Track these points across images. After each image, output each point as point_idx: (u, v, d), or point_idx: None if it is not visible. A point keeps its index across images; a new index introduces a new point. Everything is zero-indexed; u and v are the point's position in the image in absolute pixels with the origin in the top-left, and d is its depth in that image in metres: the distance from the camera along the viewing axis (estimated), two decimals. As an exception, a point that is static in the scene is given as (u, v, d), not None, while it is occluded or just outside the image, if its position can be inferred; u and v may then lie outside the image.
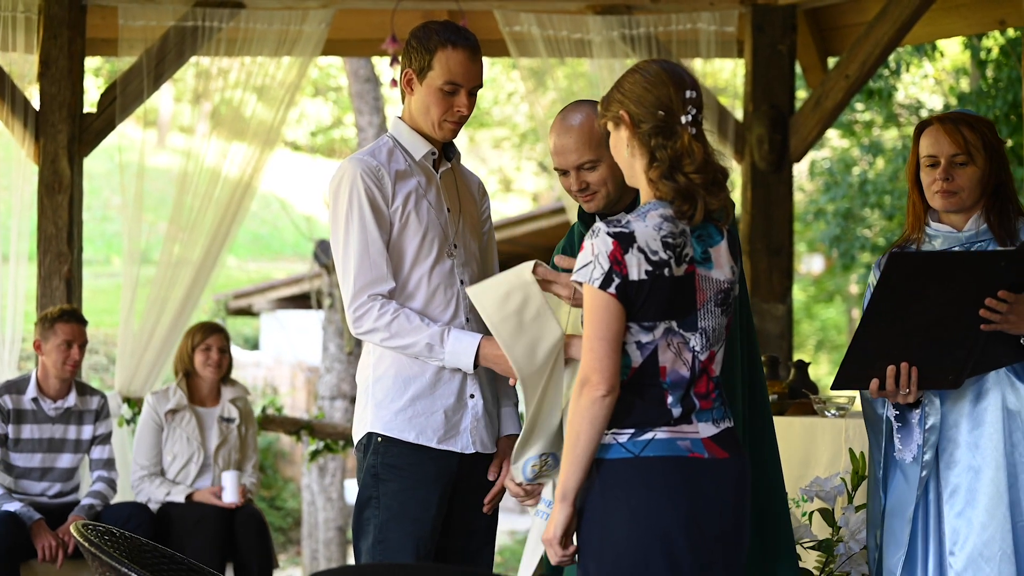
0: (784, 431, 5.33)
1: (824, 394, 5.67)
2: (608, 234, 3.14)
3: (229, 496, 6.39)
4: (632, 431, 3.16)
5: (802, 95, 9.40)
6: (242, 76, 7.60)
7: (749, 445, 3.60)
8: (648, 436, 3.16)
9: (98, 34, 7.55)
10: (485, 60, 4.46)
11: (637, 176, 3.27)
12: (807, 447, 5.25)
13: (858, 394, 3.93)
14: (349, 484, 13.42)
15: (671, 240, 3.16)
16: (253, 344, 19.71)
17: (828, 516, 4.73)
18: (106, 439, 6.44)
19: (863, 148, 15.76)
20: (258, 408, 8.11)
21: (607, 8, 7.44)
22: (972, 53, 13.06)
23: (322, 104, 24.09)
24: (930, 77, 15.97)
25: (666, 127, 3.19)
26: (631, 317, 3.15)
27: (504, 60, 9.57)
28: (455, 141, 3.98)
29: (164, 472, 6.52)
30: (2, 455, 6.24)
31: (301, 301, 16.44)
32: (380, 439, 3.81)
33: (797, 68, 7.96)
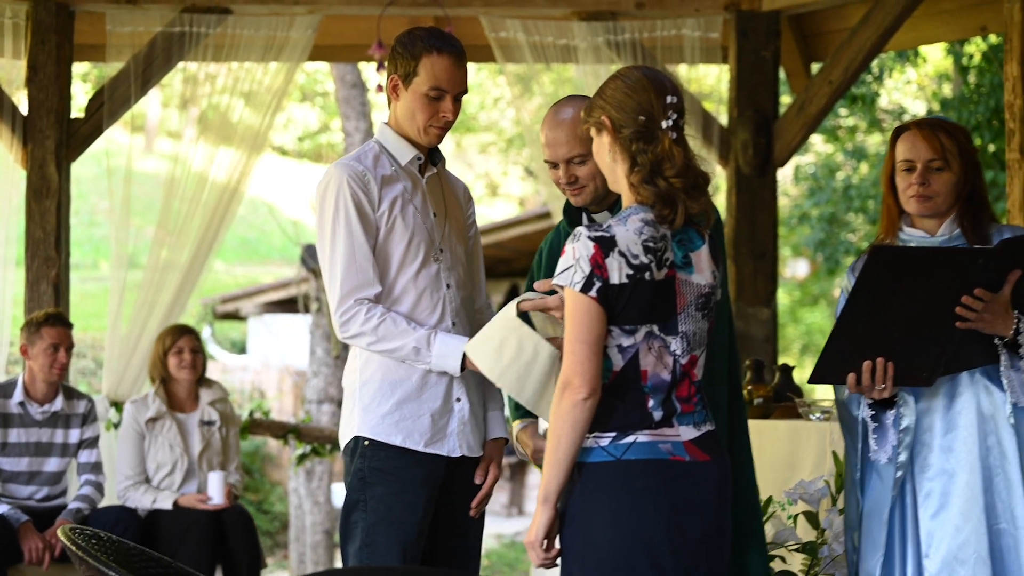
0: (769, 434, 5.37)
1: (809, 398, 5.70)
2: (589, 238, 3.16)
3: (216, 499, 6.38)
4: (614, 434, 3.18)
5: (786, 100, 9.45)
6: (229, 81, 7.62)
7: (729, 448, 3.62)
8: (630, 439, 3.17)
9: (86, 40, 7.57)
10: (471, 66, 4.49)
11: (619, 181, 3.29)
12: (792, 450, 5.27)
13: (836, 397, 3.95)
14: (336, 488, 13.44)
15: (652, 244, 3.18)
16: (240, 348, 19.72)
17: (812, 519, 4.75)
18: (93, 443, 6.45)
19: (847, 153, 15.83)
20: (245, 412, 8.12)
21: (592, 14, 7.47)
22: (955, 59, 13.13)
23: (309, 109, 24.11)
24: (913, 83, 16.04)
25: (647, 132, 3.22)
26: (612, 321, 3.17)
27: (490, 66, 9.61)
28: (440, 146, 4.01)
29: (149, 480, 6.50)
30: (-10, 459, 6.25)
31: (288, 305, 16.45)
32: (367, 443, 3.82)
33: (781, 74, 8.00)
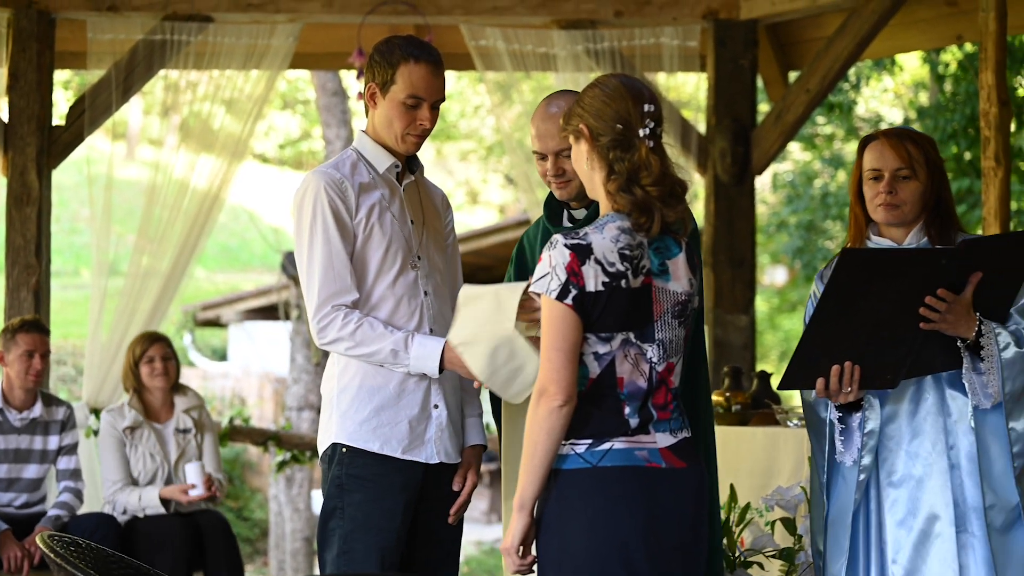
0: (747, 441, 5.39)
1: (787, 404, 5.73)
2: (565, 246, 3.18)
3: (199, 489, 6.29)
4: (590, 441, 3.19)
5: (764, 109, 9.48)
6: (211, 89, 7.63)
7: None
8: (606, 446, 3.18)
9: (67, 47, 7.57)
10: (452, 74, 4.52)
11: (596, 188, 3.31)
12: (769, 457, 5.28)
13: (803, 400, 3.97)
14: (316, 495, 13.42)
15: (628, 252, 3.20)
16: (221, 355, 19.69)
17: (790, 525, 4.76)
18: (72, 449, 6.44)
19: (824, 161, 15.90)
20: (225, 419, 8.12)
21: (572, 23, 7.51)
22: (931, 67, 13.21)
23: (290, 117, 24.11)
24: (890, 91, 16.12)
25: (624, 140, 3.23)
26: (588, 328, 3.18)
27: (471, 74, 9.64)
28: (420, 154, 4.03)
29: (136, 482, 6.46)
30: (-31, 466, 6.24)
31: (269, 312, 16.44)
32: (345, 450, 3.83)
33: (759, 82, 8.04)
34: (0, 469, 6.26)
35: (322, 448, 3.91)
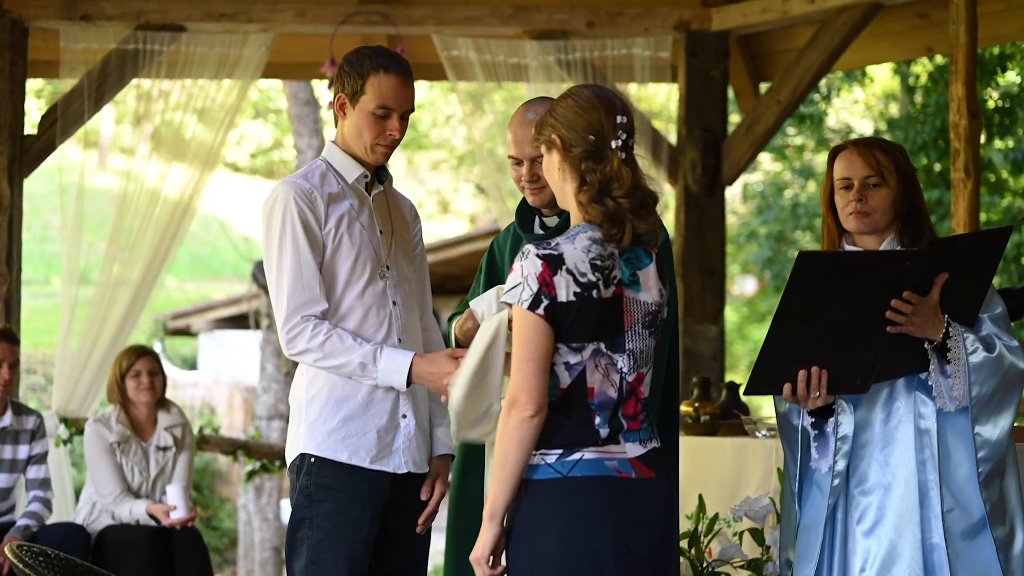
0: (715, 452, 5.41)
1: (755, 415, 5.75)
2: (537, 256, 3.19)
3: (181, 512, 6.28)
4: (560, 451, 3.19)
5: (735, 119, 9.53)
6: (183, 98, 7.63)
7: None
8: (576, 456, 3.18)
9: (39, 56, 7.55)
10: (424, 83, 4.53)
11: (568, 199, 3.31)
12: (738, 467, 5.29)
13: (776, 410, 3.97)
14: (285, 504, 13.38)
15: (600, 262, 3.20)
16: (191, 364, 19.63)
17: (758, 535, 4.78)
18: (42, 459, 6.41)
19: (795, 172, 15.97)
20: (195, 428, 8.10)
21: (543, 33, 7.53)
22: (902, 79, 13.29)
23: (262, 126, 24.06)
24: (860, 102, 16.21)
25: (596, 151, 3.24)
26: (559, 338, 3.18)
27: (442, 84, 9.65)
28: (392, 163, 4.04)
29: (131, 490, 6.43)
30: (-63, 475, 6.21)
31: (239, 321, 16.40)
32: (313, 460, 3.82)
33: (730, 93, 8.08)
34: (-31, 478, 6.23)
35: (290, 458, 3.90)
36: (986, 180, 12.32)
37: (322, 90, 14.13)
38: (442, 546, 4.11)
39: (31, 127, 7.32)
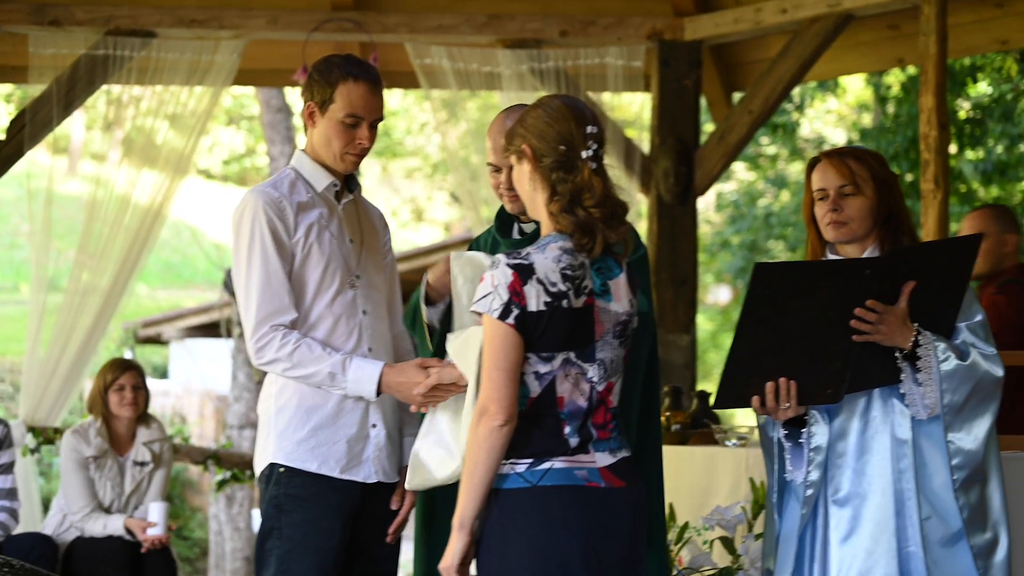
0: (686, 460, 5.41)
1: (726, 424, 5.76)
2: (508, 265, 3.19)
3: (159, 529, 6.21)
4: (530, 461, 3.19)
5: (708, 129, 9.56)
6: (154, 104, 7.59)
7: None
8: (546, 466, 3.19)
9: (8, 61, 7.52)
10: (397, 91, 4.52)
11: (539, 209, 3.32)
12: (708, 476, 5.31)
13: (756, 422, 3.96)
14: (257, 514, 13.29)
15: (570, 272, 3.21)
16: (162, 373, 19.54)
17: (729, 544, 4.81)
18: (8, 468, 6.35)
19: (768, 181, 16.03)
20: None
21: (516, 42, 7.53)
22: (874, 89, 13.35)
23: (235, 133, 24.00)
24: (833, 112, 16.28)
25: (567, 162, 3.25)
26: (529, 348, 3.19)
27: (417, 91, 9.66)
28: (366, 171, 4.03)
29: (102, 506, 6.37)
30: (-97, 485, 6.15)
31: (211, 330, 16.32)
32: (282, 469, 3.82)
33: (703, 102, 8.10)
34: (-65, 488, 6.18)
35: (259, 468, 3.89)
36: (956, 191, 12.37)
37: (295, 97, 14.11)
38: (412, 555, 4.09)
39: (-1, 132, 7.29)
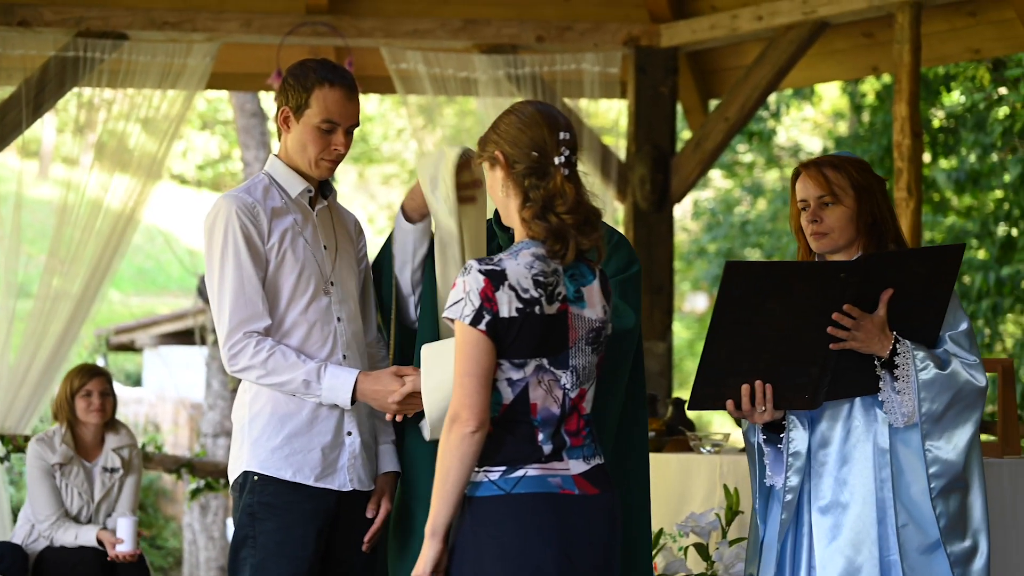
0: (661, 468, 5.41)
1: (701, 431, 5.77)
2: (479, 271, 3.18)
3: (128, 546, 6.14)
4: (503, 468, 3.18)
5: (684, 136, 9.56)
6: (126, 107, 7.55)
7: (622, 483, 3.63)
8: (519, 473, 3.18)
9: (-25, 63, 7.46)
10: (374, 97, 4.50)
11: (511, 216, 3.31)
12: (683, 483, 5.32)
13: (732, 431, 3.96)
14: (231, 523, 13.28)
15: (542, 279, 3.20)
16: (135, 380, 19.47)
17: (703, 551, 4.83)
18: (-23, 477, 6.30)
19: (745, 189, 16.07)
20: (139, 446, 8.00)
21: (493, 47, 7.52)
22: (850, 97, 13.39)
23: (209, 137, 23.92)
24: (809, 120, 16.33)
25: (539, 168, 3.24)
26: (502, 354, 3.18)
27: (394, 97, 9.65)
28: (343, 177, 4.00)
29: (68, 514, 6.29)
30: None
31: (185, 337, 16.28)
32: (256, 478, 3.79)
33: (679, 109, 8.10)
34: (-97, 496, 6.12)
35: (233, 476, 3.86)
36: (930, 199, 12.41)
37: (269, 102, 14.07)
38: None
39: (-33, 135, 7.23)
